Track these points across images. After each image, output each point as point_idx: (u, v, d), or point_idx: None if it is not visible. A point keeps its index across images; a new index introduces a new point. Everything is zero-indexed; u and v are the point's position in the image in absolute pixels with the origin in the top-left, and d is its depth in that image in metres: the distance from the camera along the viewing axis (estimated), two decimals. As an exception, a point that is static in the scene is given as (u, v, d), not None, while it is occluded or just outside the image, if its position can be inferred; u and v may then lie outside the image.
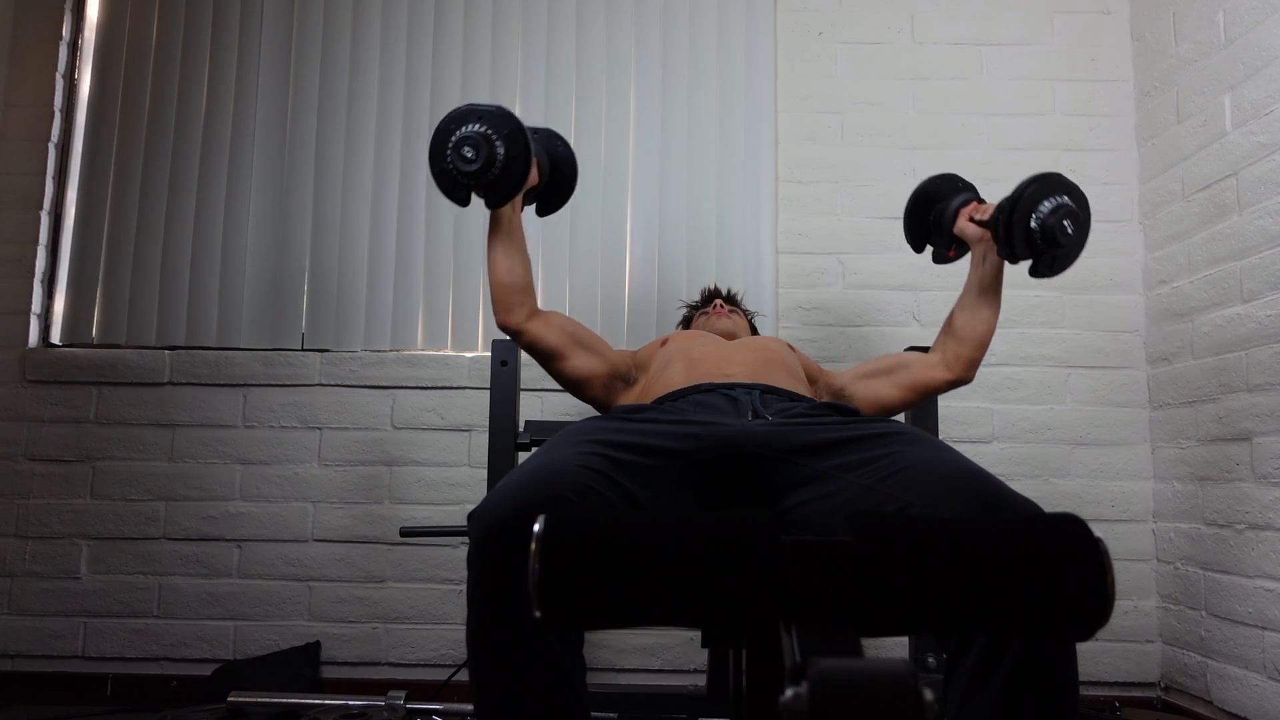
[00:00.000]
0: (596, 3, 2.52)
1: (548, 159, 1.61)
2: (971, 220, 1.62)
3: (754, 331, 2.00)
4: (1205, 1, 2.17)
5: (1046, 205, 1.47)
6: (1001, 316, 2.37)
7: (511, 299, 1.56)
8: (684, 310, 2.05)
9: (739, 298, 2.05)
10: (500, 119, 1.41)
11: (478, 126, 1.39)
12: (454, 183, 1.43)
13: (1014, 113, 2.48)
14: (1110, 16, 2.51)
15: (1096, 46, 2.50)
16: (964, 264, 2.45)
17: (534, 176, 1.54)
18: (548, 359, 1.60)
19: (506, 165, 1.40)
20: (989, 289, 1.62)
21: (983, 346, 1.63)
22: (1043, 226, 1.46)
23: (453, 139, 1.40)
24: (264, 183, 2.47)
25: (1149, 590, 2.28)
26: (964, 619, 0.60)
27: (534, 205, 1.69)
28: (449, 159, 1.40)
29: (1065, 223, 1.46)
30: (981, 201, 1.66)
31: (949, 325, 1.66)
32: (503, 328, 1.59)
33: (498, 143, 1.39)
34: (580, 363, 1.60)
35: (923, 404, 1.91)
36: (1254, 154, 1.98)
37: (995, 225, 1.52)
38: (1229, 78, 2.07)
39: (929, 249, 1.78)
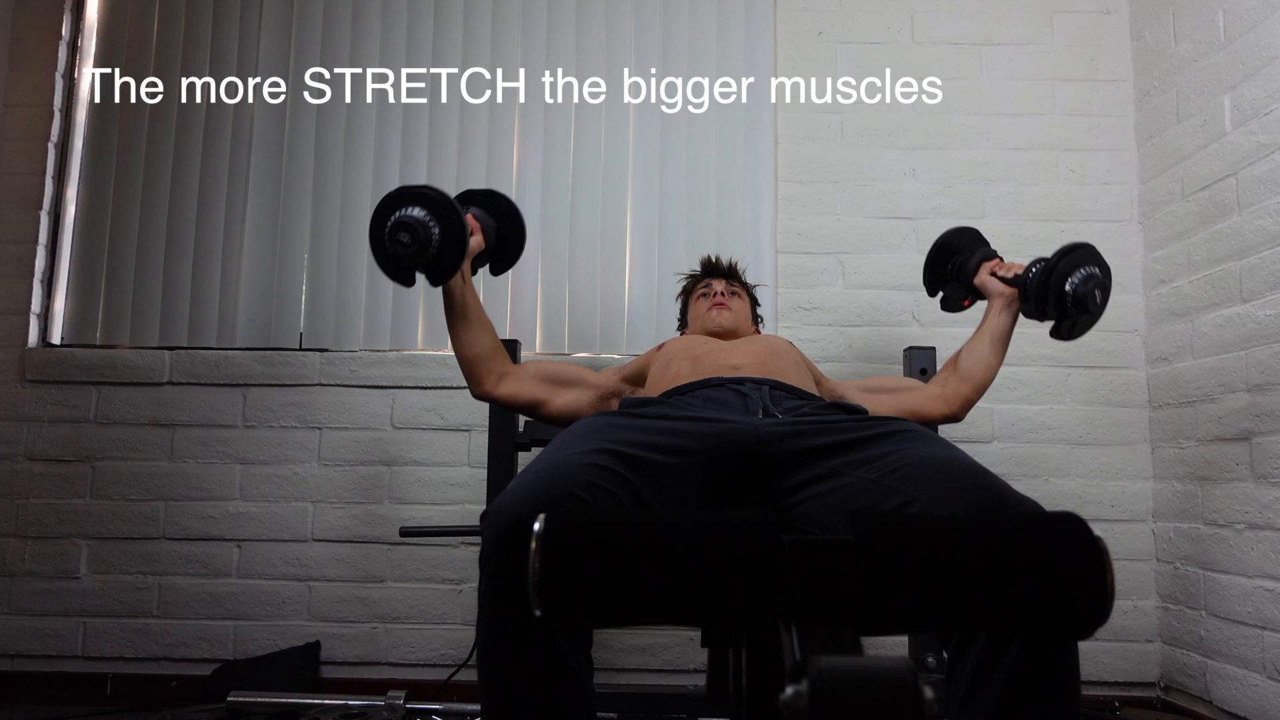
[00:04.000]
0: (596, 2, 2.52)
1: (492, 221, 1.60)
2: (995, 275, 1.74)
3: (755, 306, 1.98)
4: (1205, 1, 2.17)
5: (1080, 274, 1.58)
6: (1001, 316, 2.40)
7: (478, 369, 1.57)
8: (683, 282, 2.03)
9: (742, 271, 2.02)
10: (432, 201, 1.39)
11: (412, 211, 1.38)
12: (395, 265, 1.42)
13: (1014, 113, 2.48)
14: (1110, 16, 2.51)
15: (1096, 46, 2.50)
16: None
17: (478, 243, 1.55)
18: (531, 410, 1.62)
19: (443, 246, 1.39)
20: (1000, 340, 1.70)
21: (982, 390, 1.70)
22: (1075, 293, 1.57)
23: (388, 224, 1.38)
24: (263, 182, 2.47)
25: (1149, 590, 2.28)
26: (964, 618, 0.60)
27: (487, 266, 1.68)
28: (386, 243, 1.39)
29: (1096, 292, 1.58)
30: (1000, 259, 1.78)
31: (955, 363, 1.72)
32: (477, 398, 1.60)
33: (432, 225, 1.38)
34: (564, 401, 1.61)
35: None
36: (1254, 154, 1.98)
37: (1024, 284, 1.64)
38: (1229, 78, 2.07)
39: (941, 295, 1.88)
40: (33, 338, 2.40)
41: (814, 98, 2.50)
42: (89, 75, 2.51)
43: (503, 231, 1.63)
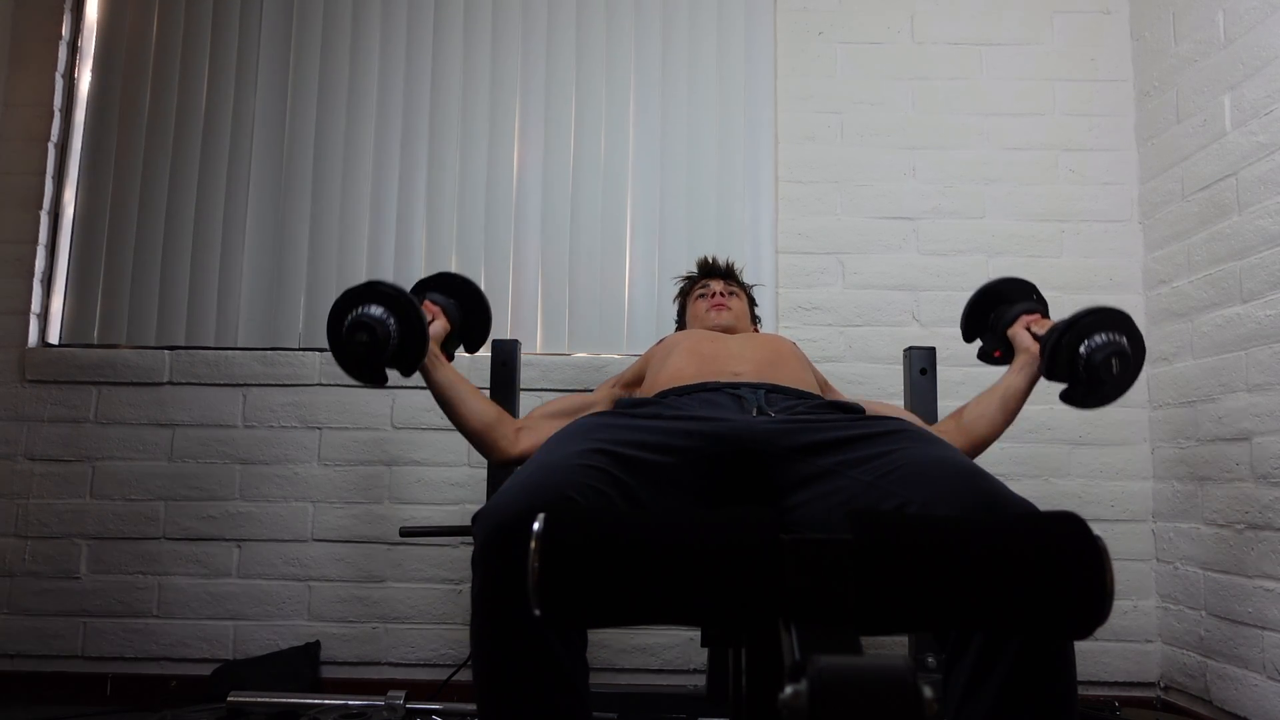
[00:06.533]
0: (596, 3, 2.52)
1: (452, 301, 1.60)
2: (1028, 330, 1.59)
3: (753, 306, 1.98)
4: (1205, 1, 2.17)
5: (1100, 338, 1.43)
6: (1001, 316, 2.40)
7: (490, 436, 1.51)
8: (681, 284, 2.03)
9: (739, 271, 2.01)
10: (384, 295, 1.39)
11: (368, 309, 1.38)
12: (358, 365, 1.41)
13: (1014, 113, 2.48)
14: (1110, 16, 2.51)
15: (1096, 46, 2.50)
16: (965, 264, 2.46)
17: (442, 326, 1.54)
18: None
19: (403, 337, 1.38)
20: (1012, 400, 1.56)
21: (981, 447, 1.58)
22: (1089, 357, 1.42)
23: (345, 327, 1.38)
24: (263, 182, 2.47)
25: (1149, 590, 2.28)
26: (963, 617, 0.60)
27: (461, 347, 1.67)
28: (346, 345, 1.38)
29: (1113, 360, 1.41)
30: (1046, 316, 1.63)
31: (960, 413, 1.61)
32: (501, 464, 1.56)
33: (388, 319, 1.37)
34: None
35: (923, 406, 1.92)
36: (1254, 154, 1.98)
37: (1044, 340, 1.49)
38: (1229, 78, 2.07)
39: (978, 343, 1.76)
40: (32, 338, 2.40)
41: (814, 98, 2.50)
42: (89, 75, 2.51)
43: (466, 309, 1.62)
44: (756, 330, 1.99)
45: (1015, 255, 2.43)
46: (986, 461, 1.71)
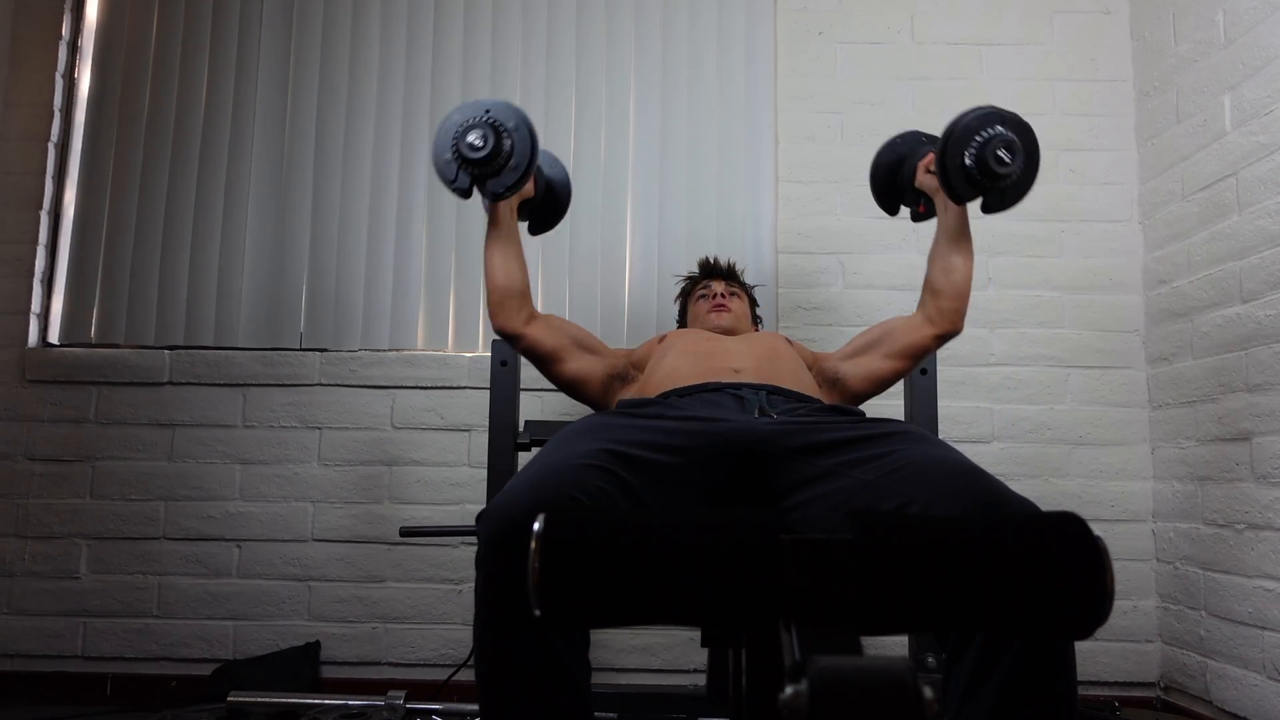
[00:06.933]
0: (596, 2, 2.52)
1: (544, 176, 1.65)
2: (928, 171, 1.61)
3: (754, 306, 1.98)
4: (1205, 1, 2.17)
5: (978, 138, 1.45)
6: (1001, 316, 2.40)
7: (510, 302, 1.56)
8: (682, 284, 2.03)
9: (740, 272, 2.02)
10: (509, 112, 1.45)
11: (488, 116, 1.43)
12: (457, 170, 1.46)
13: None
14: (1110, 16, 2.51)
15: (1096, 46, 2.50)
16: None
17: (530, 188, 1.57)
18: (547, 362, 1.59)
19: (512, 156, 1.43)
20: (956, 236, 1.59)
21: (962, 295, 1.60)
22: (978, 160, 1.45)
23: (460, 126, 1.43)
24: (263, 182, 2.47)
25: (1148, 590, 2.28)
26: (963, 617, 0.60)
27: (526, 223, 1.70)
28: (454, 145, 1.43)
29: (1000, 153, 1.44)
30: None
31: (926, 282, 1.63)
32: (500, 332, 1.58)
33: (504, 135, 1.43)
34: (580, 364, 1.60)
35: (923, 406, 1.91)
36: (1254, 154, 1.98)
37: (937, 172, 1.52)
38: (1229, 78, 2.07)
39: (905, 210, 1.78)
40: (33, 338, 2.40)
41: (814, 97, 2.50)
42: (89, 75, 2.51)
43: (552, 190, 1.67)
44: (757, 331, 1.99)
45: (1015, 255, 2.43)
46: (986, 462, 1.71)
